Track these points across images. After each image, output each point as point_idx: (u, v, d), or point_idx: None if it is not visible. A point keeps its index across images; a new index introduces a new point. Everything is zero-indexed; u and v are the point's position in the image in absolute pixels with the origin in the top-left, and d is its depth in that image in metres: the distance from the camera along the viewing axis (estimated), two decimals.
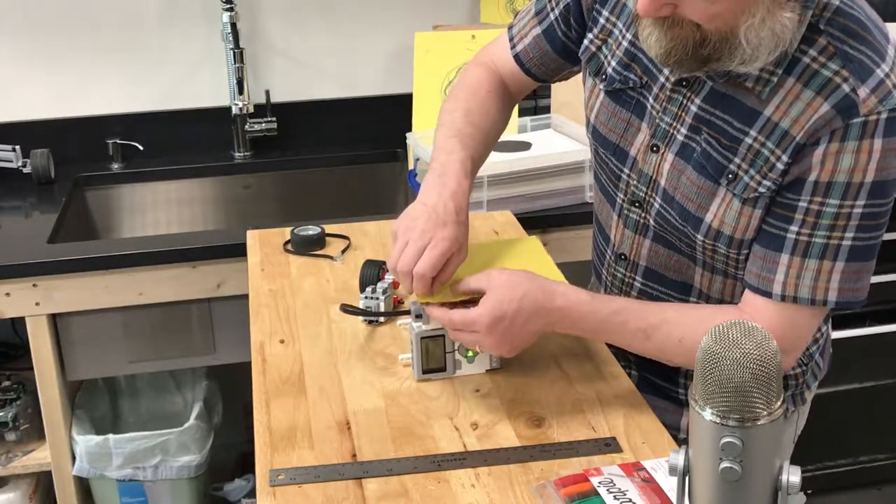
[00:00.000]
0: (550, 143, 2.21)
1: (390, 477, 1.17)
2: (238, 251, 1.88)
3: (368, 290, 1.49)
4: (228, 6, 2.37)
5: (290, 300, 1.57)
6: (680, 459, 0.94)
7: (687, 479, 0.95)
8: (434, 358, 1.35)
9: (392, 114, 2.48)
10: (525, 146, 2.19)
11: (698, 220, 1.28)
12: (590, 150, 1.48)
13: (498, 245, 1.55)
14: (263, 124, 2.50)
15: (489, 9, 2.55)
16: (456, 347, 1.35)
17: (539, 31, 1.47)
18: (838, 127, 1.15)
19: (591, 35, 1.40)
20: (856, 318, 2.48)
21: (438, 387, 1.35)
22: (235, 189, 2.52)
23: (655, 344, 1.28)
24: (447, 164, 1.37)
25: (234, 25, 2.37)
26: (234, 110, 2.46)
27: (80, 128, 2.46)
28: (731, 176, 1.24)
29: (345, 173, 2.55)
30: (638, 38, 1.26)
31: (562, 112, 2.32)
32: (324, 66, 2.56)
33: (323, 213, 2.46)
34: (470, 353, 1.35)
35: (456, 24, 2.51)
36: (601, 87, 1.39)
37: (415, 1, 2.54)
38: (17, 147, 2.38)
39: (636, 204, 1.37)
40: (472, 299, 1.27)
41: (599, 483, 1.12)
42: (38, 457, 2.13)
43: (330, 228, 1.78)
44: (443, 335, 1.33)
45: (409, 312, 1.34)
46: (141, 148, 2.47)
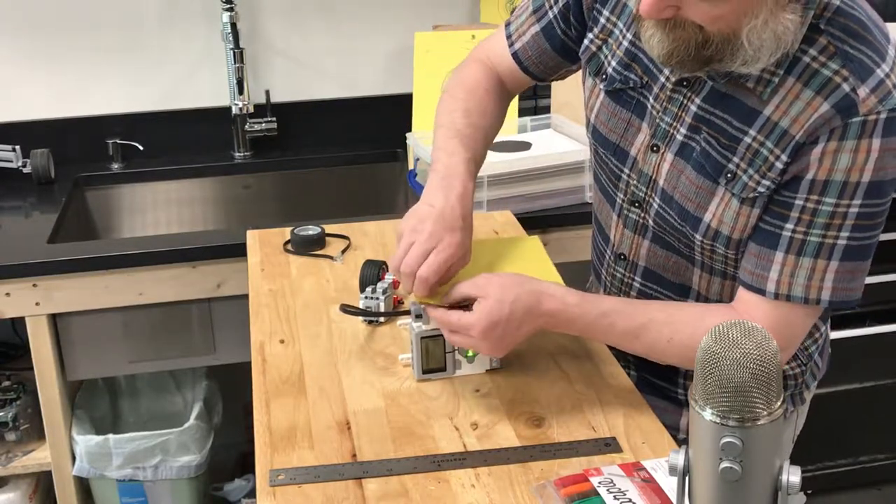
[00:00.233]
0: (550, 143, 2.20)
1: (390, 477, 1.17)
2: (238, 251, 1.87)
3: (368, 290, 1.49)
4: (228, 6, 2.37)
5: (290, 300, 1.57)
6: (680, 459, 0.94)
7: (687, 479, 0.95)
8: (434, 358, 1.35)
9: (392, 114, 2.48)
10: (525, 146, 2.19)
11: (697, 220, 1.28)
12: (590, 150, 1.48)
13: (498, 244, 1.55)
14: (263, 124, 2.50)
15: (489, 9, 2.55)
16: (456, 347, 1.35)
17: (538, 28, 1.46)
18: (837, 126, 1.15)
19: (591, 35, 1.40)
20: (855, 318, 2.48)
21: (438, 387, 1.35)
22: (235, 189, 2.52)
23: (645, 344, 1.29)
24: (451, 165, 1.36)
25: (234, 25, 2.37)
26: (234, 110, 2.46)
27: (80, 128, 2.46)
28: (729, 175, 1.24)
29: (345, 173, 2.55)
30: (638, 38, 1.26)
31: (562, 112, 2.31)
32: (324, 66, 2.56)
33: (323, 213, 2.46)
34: (470, 353, 1.35)
35: (456, 24, 2.51)
36: (601, 86, 1.39)
37: (415, 1, 2.54)
38: (17, 147, 2.38)
39: (636, 204, 1.37)
40: (467, 302, 1.27)
41: (599, 483, 1.12)
42: (38, 457, 2.13)
43: (330, 228, 1.78)
44: (443, 335, 1.33)
45: (409, 312, 1.33)
46: (141, 148, 2.47)
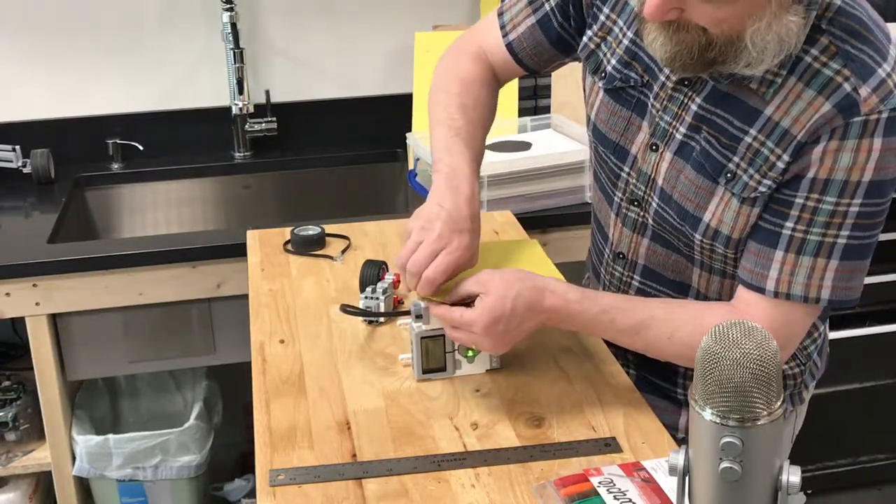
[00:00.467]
0: (550, 143, 2.20)
1: (390, 477, 1.16)
2: (238, 251, 1.87)
3: (368, 290, 1.49)
4: (228, 6, 2.37)
5: (290, 300, 1.56)
6: (680, 459, 0.94)
7: (687, 479, 0.95)
8: (434, 358, 1.35)
9: (392, 114, 2.48)
10: (525, 146, 2.19)
11: (696, 220, 1.28)
12: (590, 148, 1.48)
13: (500, 247, 1.55)
14: (263, 124, 2.50)
15: (489, 9, 2.54)
16: (456, 347, 1.35)
17: (534, 20, 1.45)
18: (839, 125, 1.15)
19: (590, 32, 1.40)
20: (855, 318, 2.48)
21: (438, 387, 1.35)
22: (235, 189, 2.52)
23: (645, 340, 1.29)
24: (455, 166, 1.35)
25: (234, 25, 2.37)
26: (234, 110, 2.46)
27: (80, 128, 2.46)
28: (729, 175, 1.24)
29: (345, 173, 2.55)
30: (639, 37, 1.26)
31: (562, 112, 2.31)
32: (324, 66, 2.56)
33: (323, 213, 2.46)
34: (470, 353, 1.35)
35: (456, 24, 2.51)
36: (600, 84, 1.39)
37: (415, 1, 2.54)
38: (17, 147, 2.38)
39: (635, 203, 1.37)
40: (469, 299, 1.27)
41: (599, 483, 1.12)
42: (38, 457, 2.13)
43: (330, 228, 1.78)
44: (443, 335, 1.33)
45: (409, 312, 1.33)
46: (141, 148, 2.47)
